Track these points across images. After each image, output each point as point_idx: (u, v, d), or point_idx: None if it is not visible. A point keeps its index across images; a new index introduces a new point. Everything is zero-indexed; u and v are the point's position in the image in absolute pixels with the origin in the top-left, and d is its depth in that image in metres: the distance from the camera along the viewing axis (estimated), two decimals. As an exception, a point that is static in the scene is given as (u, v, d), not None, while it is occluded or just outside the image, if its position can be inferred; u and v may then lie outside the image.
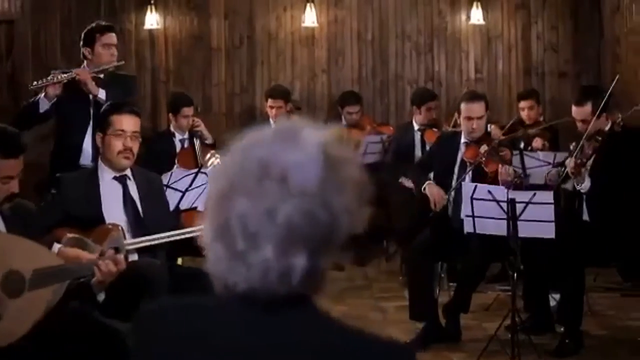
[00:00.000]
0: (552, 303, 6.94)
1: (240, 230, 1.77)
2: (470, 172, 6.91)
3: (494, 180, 6.72)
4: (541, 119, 9.33)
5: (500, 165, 6.77)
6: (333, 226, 1.79)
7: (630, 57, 9.90)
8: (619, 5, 10.24)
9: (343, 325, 1.86)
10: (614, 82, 6.78)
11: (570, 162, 6.46)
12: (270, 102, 9.44)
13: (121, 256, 4.64)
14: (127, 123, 5.37)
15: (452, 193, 6.91)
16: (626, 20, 10.02)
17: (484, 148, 6.90)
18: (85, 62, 7.25)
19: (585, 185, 6.48)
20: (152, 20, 10.86)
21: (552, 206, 5.98)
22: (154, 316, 1.94)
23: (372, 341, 1.85)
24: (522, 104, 9.31)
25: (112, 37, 7.26)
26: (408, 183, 8.36)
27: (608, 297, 7.96)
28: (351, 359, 1.81)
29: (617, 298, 7.97)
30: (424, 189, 7.00)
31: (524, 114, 9.27)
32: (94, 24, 7.37)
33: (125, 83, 7.35)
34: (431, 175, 7.21)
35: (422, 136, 8.97)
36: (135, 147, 5.38)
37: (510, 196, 6.07)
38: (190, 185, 6.41)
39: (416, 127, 9.09)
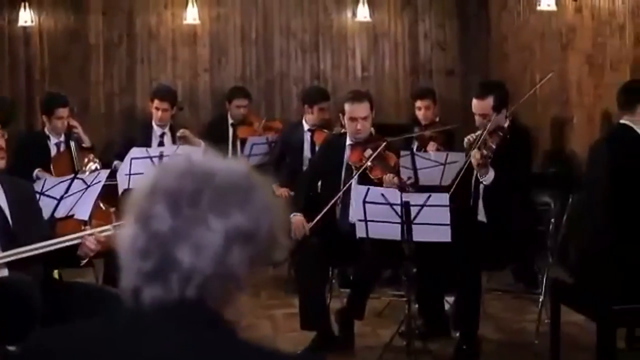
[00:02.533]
0: (446, 307, 6.78)
1: (158, 228, 1.73)
2: (356, 177, 6.67)
3: (379, 185, 6.48)
4: (437, 119, 9.08)
5: (386, 175, 6.54)
6: (253, 232, 1.76)
7: (518, 55, 9.84)
8: (506, 3, 10.16)
9: (260, 347, 1.79)
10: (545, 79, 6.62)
11: (475, 154, 6.25)
12: (156, 102, 8.89)
13: None
14: None
15: (340, 201, 6.70)
16: (514, 19, 9.96)
17: (368, 152, 6.66)
18: None
19: (489, 176, 6.29)
20: (26, 17, 10.39)
21: (448, 208, 5.77)
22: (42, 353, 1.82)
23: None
24: (419, 103, 9.03)
25: None
26: (279, 191, 8.10)
27: (501, 298, 7.84)
28: None
29: (511, 300, 7.86)
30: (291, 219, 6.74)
31: (419, 114, 9.01)
32: None
33: None
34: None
35: (311, 137, 8.67)
36: (3, 144, 4.99)
37: (404, 199, 5.83)
38: (66, 192, 6.03)
39: (306, 127, 8.77)
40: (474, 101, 6.68)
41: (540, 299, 6.88)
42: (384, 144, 6.73)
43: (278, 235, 1.83)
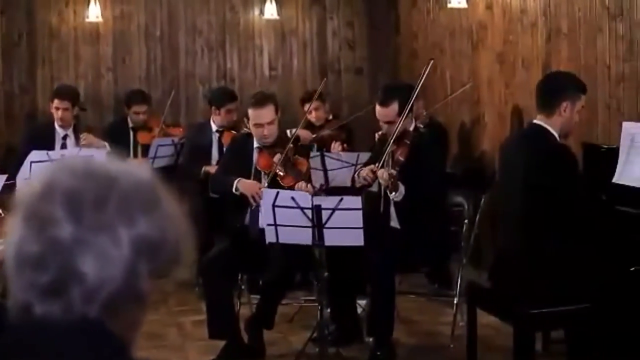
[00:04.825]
0: (359, 310, 6.65)
1: (56, 234, 1.51)
2: (266, 183, 6.46)
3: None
4: (330, 117, 8.95)
5: (298, 183, 6.35)
6: (159, 242, 1.58)
7: (428, 53, 9.73)
8: (416, 1, 10.07)
9: None
10: (425, 72, 6.38)
11: (383, 175, 6.01)
12: (56, 102, 8.53)
13: None
14: None
15: (249, 205, 6.49)
16: (424, 16, 9.87)
17: (278, 158, 6.44)
18: None
19: (400, 193, 6.09)
20: None
21: (360, 212, 5.60)
22: None
23: None
24: (307, 106, 8.87)
25: None
26: (212, 168, 7.84)
27: (414, 301, 7.73)
28: None
29: (424, 302, 7.76)
30: (236, 188, 6.49)
31: (311, 116, 8.85)
32: None
33: None
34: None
35: (219, 138, 8.45)
36: None
37: (315, 202, 5.65)
38: (-40, 198, 5.74)
39: (214, 128, 8.55)
40: (378, 108, 6.39)
41: (455, 301, 6.78)
42: (290, 146, 6.52)
43: (183, 248, 1.63)
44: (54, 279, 1.51)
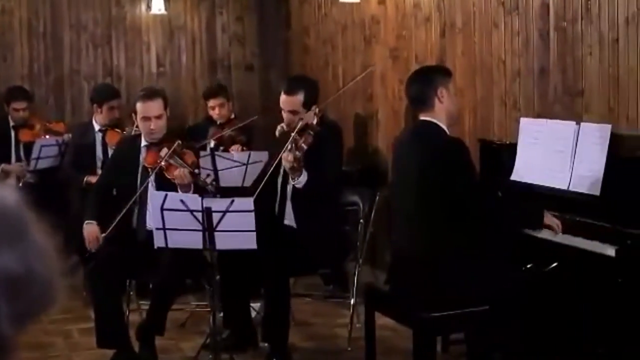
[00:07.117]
0: (253, 314, 6.48)
1: None
2: (153, 180, 6.24)
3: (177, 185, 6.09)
4: (232, 116, 8.70)
5: (177, 169, 6.13)
6: (24, 278, 1.33)
7: (320, 48, 9.61)
8: (307, -5, 9.92)
9: None
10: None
11: (287, 157, 5.88)
12: None
13: None
14: None
15: (136, 207, 6.26)
16: (315, 11, 9.70)
17: (164, 151, 6.22)
18: None
19: (303, 179, 5.97)
20: None
21: (253, 214, 5.40)
22: None
23: None
24: (212, 102, 8.64)
25: None
26: (94, 178, 7.61)
27: (310, 303, 7.60)
28: None
29: (319, 304, 7.62)
30: (84, 228, 6.33)
31: (214, 113, 8.61)
32: None
33: None
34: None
35: (103, 137, 8.17)
36: None
37: (206, 205, 5.43)
38: None
39: (97, 127, 8.26)
40: (283, 97, 6.36)
41: (352, 302, 6.66)
42: (178, 141, 6.31)
43: (53, 286, 1.39)
44: None
